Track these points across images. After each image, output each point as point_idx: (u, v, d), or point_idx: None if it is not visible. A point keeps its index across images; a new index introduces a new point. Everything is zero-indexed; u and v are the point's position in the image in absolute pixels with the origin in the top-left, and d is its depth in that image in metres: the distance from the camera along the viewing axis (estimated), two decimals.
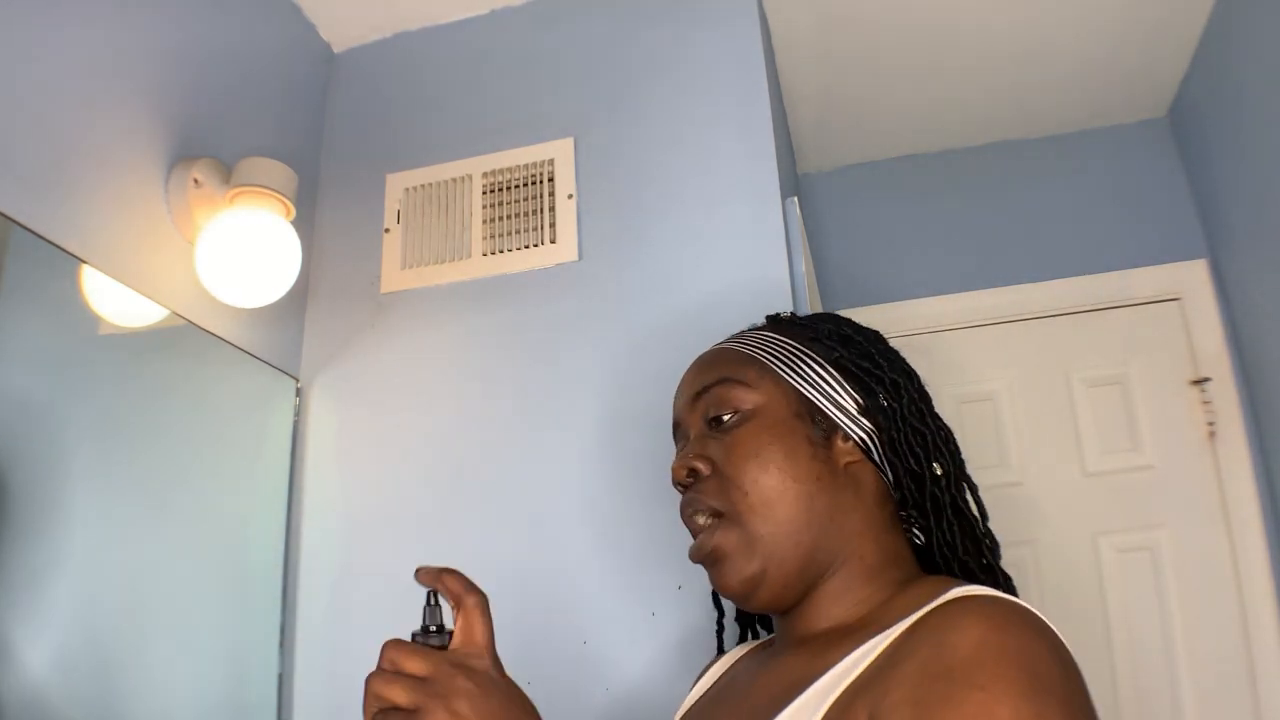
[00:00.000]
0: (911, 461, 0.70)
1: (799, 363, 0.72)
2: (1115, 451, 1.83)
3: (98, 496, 1.05)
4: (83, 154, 1.07)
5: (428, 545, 1.29)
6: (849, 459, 0.69)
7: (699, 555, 0.70)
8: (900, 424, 0.70)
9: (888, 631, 0.57)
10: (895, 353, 0.77)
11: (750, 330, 0.79)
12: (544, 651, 1.20)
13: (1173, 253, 1.91)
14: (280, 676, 1.27)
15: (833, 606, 0.66)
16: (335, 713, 1.25)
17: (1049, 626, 0.53)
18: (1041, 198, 2.02)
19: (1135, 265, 1.90)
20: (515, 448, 1.30)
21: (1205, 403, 1.79)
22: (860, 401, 0.71)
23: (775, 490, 0.66)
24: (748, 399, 0.71)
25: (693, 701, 0.79)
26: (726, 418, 0.71)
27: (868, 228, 2.11)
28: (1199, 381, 1.80)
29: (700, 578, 1.16)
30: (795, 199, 1.37)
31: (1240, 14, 1.60)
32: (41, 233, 0.98)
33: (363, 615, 1.28)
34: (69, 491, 1.01)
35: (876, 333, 0.78)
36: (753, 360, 0.73)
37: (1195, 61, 1.82)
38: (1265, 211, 1.63)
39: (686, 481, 0.72)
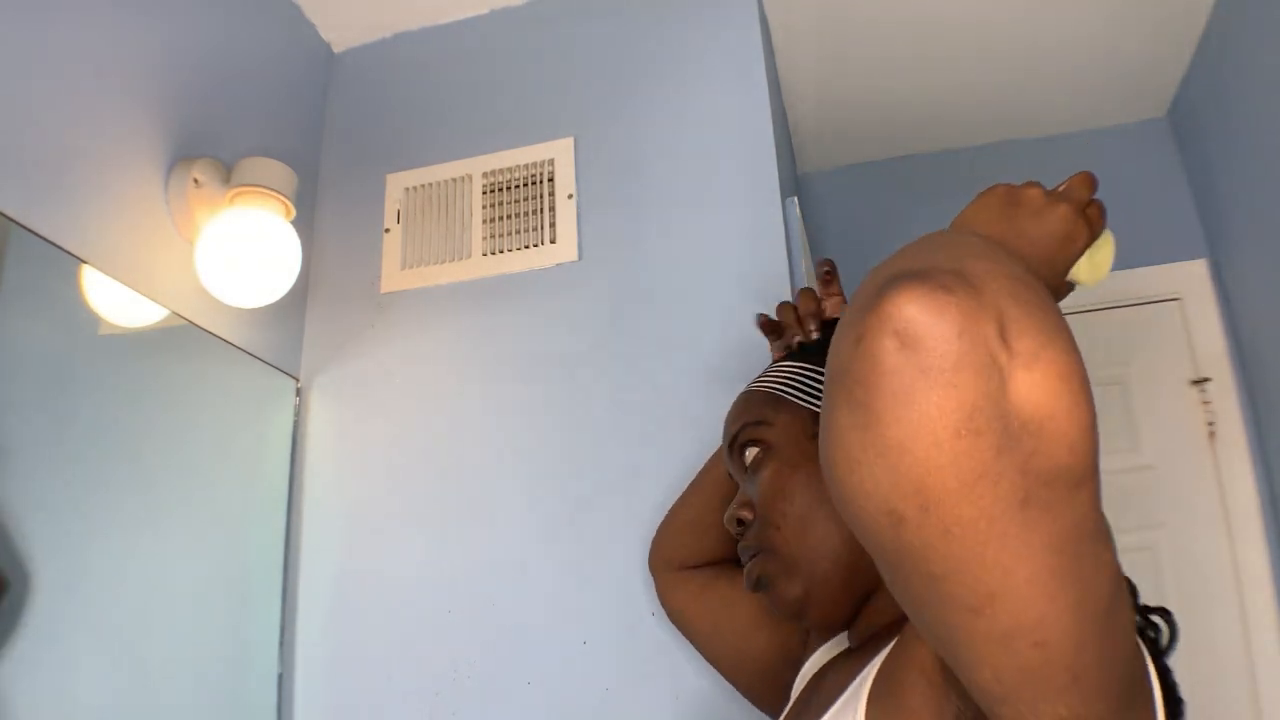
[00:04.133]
0: None
1: (807, 381, 0.72)
2: (1115, 451, 1.83)
3: (98, 496, 1.05)
4: (83, 154, 1.07)
5: (428, 545, 1.29)
6: None
7: (748, 586, 0.72)
8: None
9: None
10: None
11: (776, 364, 0.80)
12: (544, 651, 1.20)
13: (1173, 253, 1.90)
14: (280, 676, 1.27)
15: (884, 614, 0.66)
16: (335, 713, 1.25)
17: None
18: None
19: (1135, 265, 1.90)
20: (515, 447, 1.30)
21: (1205, 403, 1.79)
22: None
23: (803, 518, 0.67)
24: (768, 435, 0.72)
25: (792, 698, 0.79)
26: (754, 459, 0.72)
27: (868, 228, 2.11)
28: (1199, 381, 1.80)
29: None
30: (795, 199, 1.37)
31: (1240, 14, 1.60)
32: (41, 233, 0.98)
33: (363, 615, 1.28)
34: (69, 491, 1.01)
35: None
36: (770, 396, 0.74)
37: (1195, 61, 1.82)
38: (1265, 211, 1.63)
39: (737, 532, 0.74)
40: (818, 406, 0.70)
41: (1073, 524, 0.38)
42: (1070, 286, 0.59)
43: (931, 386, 0.35)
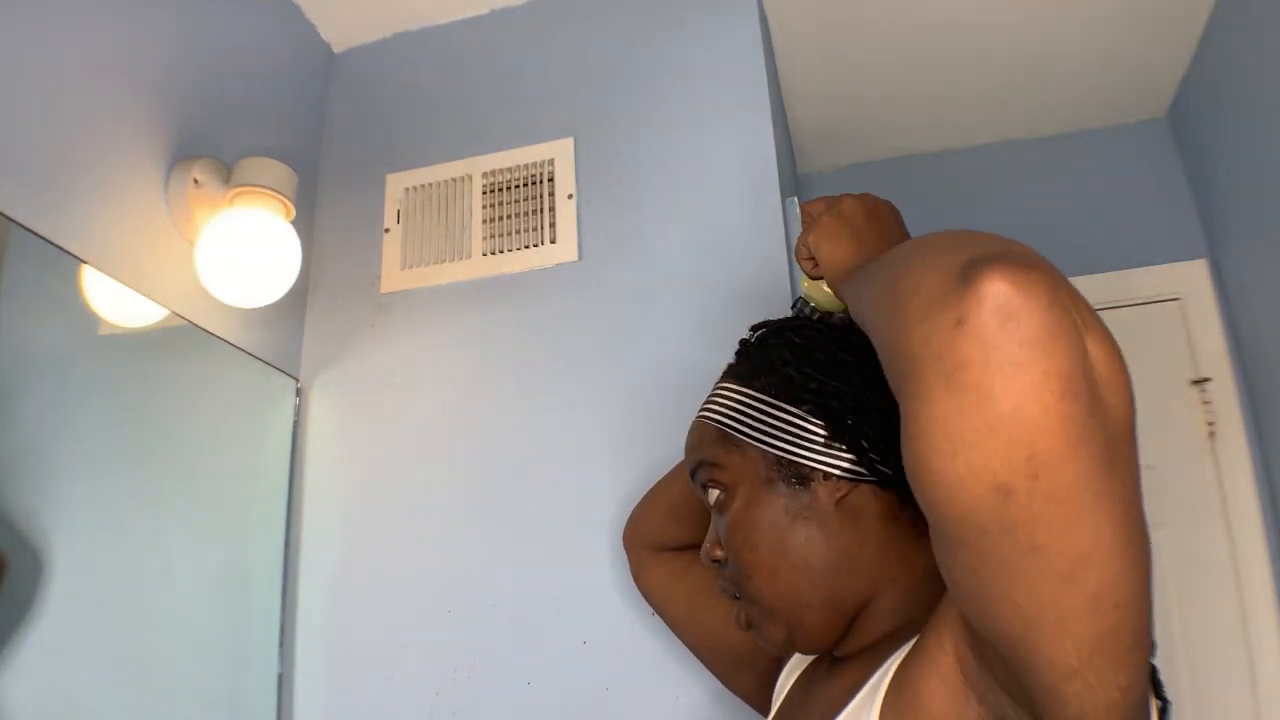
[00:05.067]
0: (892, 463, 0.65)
1: (756, 417, 0.69)
2: None
3: (98, 496, 1.05)
4: (83, 154, 1.07)
5: (428, 545, 1.29)
6: (838, 495, 0.65)
7: (739, 626, 0.72)
8: (870, 429, 0.65)
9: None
10: (838, 341, 0.70)
11: (719, 385, 0.75)
12: (544, 651, 1.20)
13: (1173, 253, 1.90)
14: (280, 676, 1.27)
15: (878, 625, 0.65)
16: (335, 713, 1.25)
17: None
18: (1041, 198, 2.02)
19: (1135, 265, 1.90)
20: (515, 447, 1.30)
21: (1205, 403, 1.79)
22: (825, 429, 0.66)
23: (770, 569, 0.66)
24: (724, 478, 0.70)
25: (779, 699, 0.79)
26: (716, 501, 0.71)
27: None
28: (1199, 381, 1.80)
29: None
30: (795, 199, 1.37)
31: (1240, 14, 1.60)
32: (41, 233, 0.98)
33: (363, 615, 1.28)
34: (69, 491, 1.01)
35: (818, 325, 0.73)
36: (720, 435, 0.71)
37: (1195, 61, 1.82)
38: (1265, 211, 1.63)
39: (713, 565, 0.73)
40: (764, 443, 0.68)
41: (1134, 475, 0.42)
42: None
43: (1036, 357, 0.38)
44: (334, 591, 1.31)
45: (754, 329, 0.77)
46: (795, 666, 0.80)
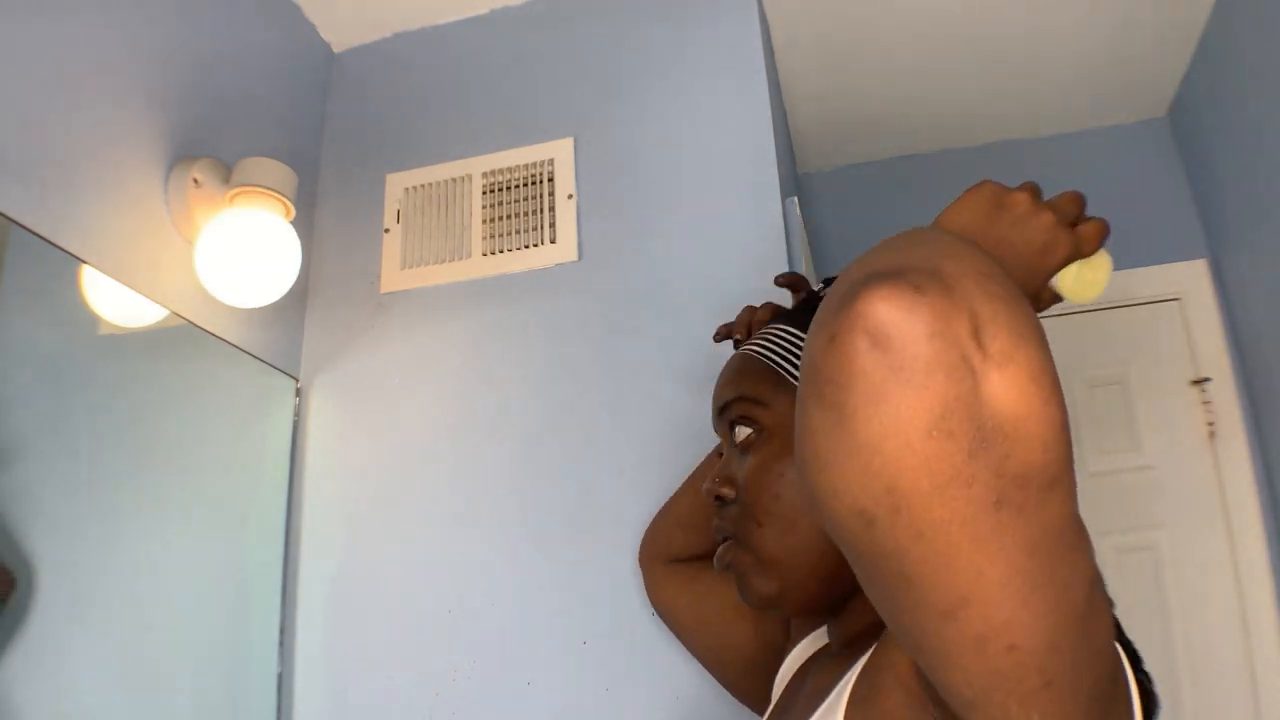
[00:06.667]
0: None
1: None
2: (1115, 451, 1.83)
3: (98, 496, 1.05)
4: (83, 154, 1.07)
5: (428, 545, 1.29)
6: None
7: (717, 567, 0.70)
8: None
9: None
10: None
11: (774, 325, 0.74)
12: (544, 651, 1.20)
13: (1173, 253, 1.91)
14: (280, 676, 1.27)
15: (866, 616, 0.64)
16: (335, 713, 1.25)
17: None
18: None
19: (1135, 265, 1.90)
20: (515, 447, 1.30)
21: (1205, 403, 1.79)
22: None
23: (789, 518, 0.64)
24: (764, 417, 0.67)
25: (778, 692, 0.79)
26: (744, 440, 0.68)
27: (868, 228, 2.10)
28: (1199, 381, 1.80)
29: None
30: (795, 199, 1.37)
31: (1240, 14, 1.60)
32: (41, 233, 0.98)
33: (362, 615, 1.28)
34: (69, 491, 1.01)
35: None
36: (769, 372, 0.69)
37: (1195, 61, 1.82)
38: (1265, 211, 1.63)
39: (715, 504, 0.71)
40: None
41: (1046, 526, 0.37)
42: (1055, 298, 0.60)
43: (903, 387, 0.35)
44: (334, 591, 1.31)
45: (826, 281, 0.74)
46: (795, 659, 0.79)
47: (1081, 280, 0.58)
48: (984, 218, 0.55)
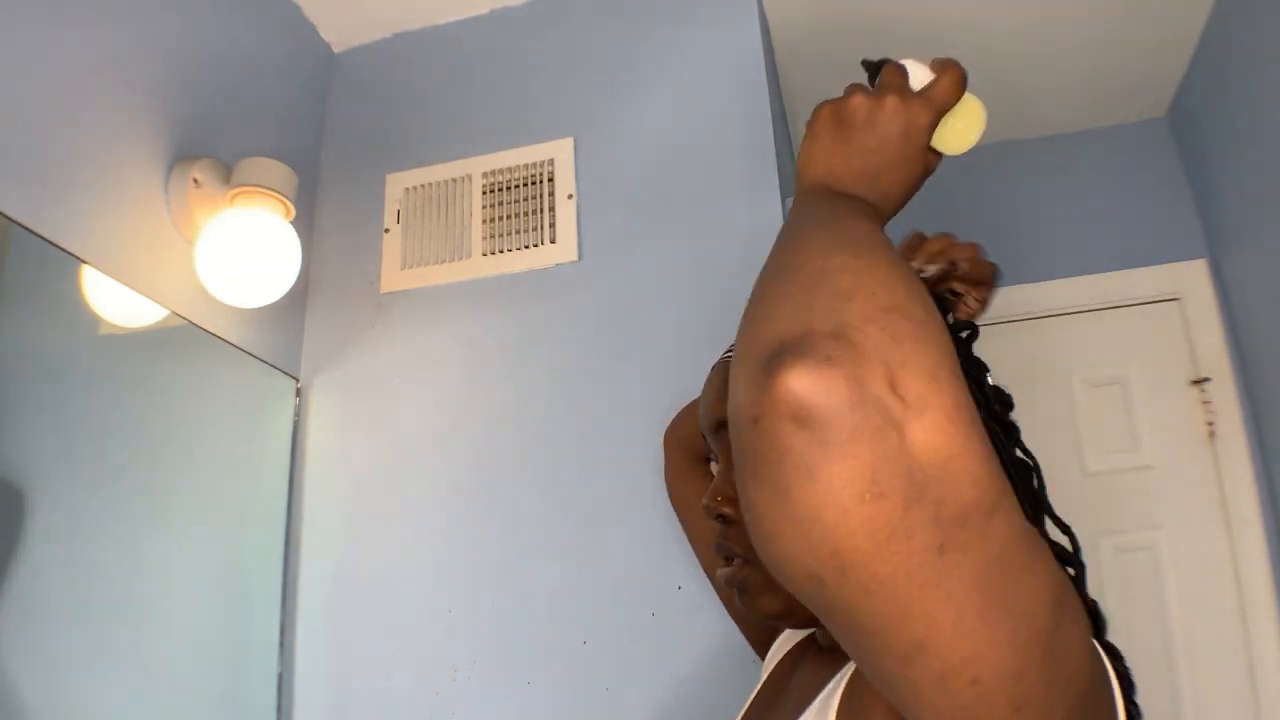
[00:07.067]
0: None
1: None
2: (1115, 451, 1.83)
3: (98, 496, 1.05)
4: (83, 154, 1.07)
5: (428, 545, 1.29)
6: None
7: (725, 585, 0.70)
8: None
9: None
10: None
11: None
12: (544, 651, 1.20)
13: (1173, 253, 1.91)
14: (280, 676, 1.27)
15: None
16: (335, 713, 1.25)
17: None
18: (1041, 198, 2.02)
19: (1135, 265, 1.90)
20: (515, 447, 1.30)
21: (1205, 403, 1.79)
22: None
23: None
24: None
25: (768, 670, 0.78)
26: None
27: None
28: (1199, 381, 1.80)
29: (700, 578, 1.16)
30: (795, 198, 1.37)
31: (1240, 14, 1.60)
32: (41, 233, 0.98)
33: (363, 615, 1.28)
34: (69, 491, 1.01)
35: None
36: None
37: (1195, 61, 1.82)
38: (1265, 211, 1.63)
39: (717, 521, 0.70)
40: None
41: (993, 556, 0.38)
42: (938, 156, 0.59)
43: (830, 460, 0.36)
44: (334, 591, 1.31)
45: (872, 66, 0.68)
46: (785, 642, 0.78)
47: (954, 131, 0.58)
48: (836, 143, 0.55)
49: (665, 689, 1.13)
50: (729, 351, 0.72)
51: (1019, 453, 0.60)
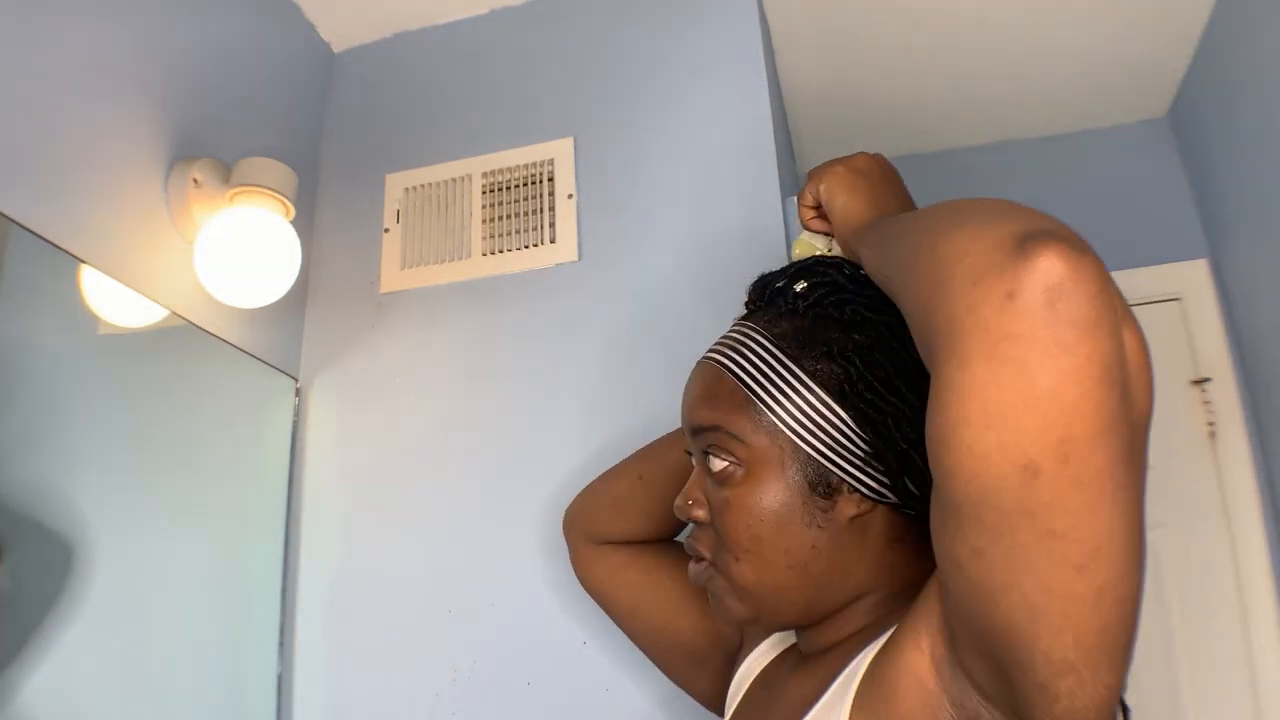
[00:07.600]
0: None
1: (799, 405, 0.61)
2: None
3: (97, 496, 1.05)
4: (83, 154, 1.07)
5: (428, 545, 1.29)
6: (854, 513, 0.61)
7: (693, 582, 0.69)
8: (920, 457, 0.58)
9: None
10: (898, 337, 0.62)
11: (749, 327, 0.68)
12: (544, 651, 1.20)
13: (1173, 253, 1.90)
14: (280, 676, 1.27)
15: (849, 624, 0.63)
16: (335, 713, 1.25)
17: None
18: (1041, 198, 2.01)
19: (1135, 265, 1.90)
20: (516, 447, 1.30)
21: (1205, 403, 1.79)
22: (869, 444, 0.60)
23: (764, 561, 0.62)
24: (742, 454, 0.62)
25: (736, 698, 0.77)
26: (721, 470, 0.64)
27: None
28: (1199, 381, 1.80)
29: None
30: (795, 199, 1.37)
31: (1240, 14, 1.60)
32: (41, 233, 0.98)
33: (363, 615, 1.28)
34: (69, 491, 1.01)
35: (881, 314, 0.63)
36: (747, 403, 0.63)
37: (1195, 61, 1.82)
38: (1265, 211, 1.63)
39: (688, 522, 0.69)
40: (802, 437, 0.61)
41: (1141, 472, 0.42)
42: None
43: (1081, 339, 0.38)
44: (334, 591, 1.31)
45: (805, 288, 0.67)
46: (754, 663, 0.77)
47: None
48: (871, 189, 0.69)
49: (665, 689, 1.13)
50: (710, 351, 0.70)
51: None
